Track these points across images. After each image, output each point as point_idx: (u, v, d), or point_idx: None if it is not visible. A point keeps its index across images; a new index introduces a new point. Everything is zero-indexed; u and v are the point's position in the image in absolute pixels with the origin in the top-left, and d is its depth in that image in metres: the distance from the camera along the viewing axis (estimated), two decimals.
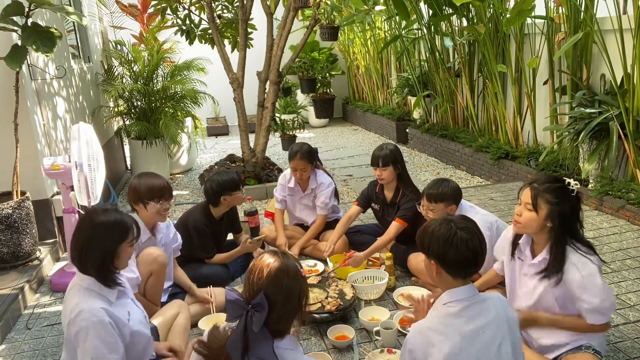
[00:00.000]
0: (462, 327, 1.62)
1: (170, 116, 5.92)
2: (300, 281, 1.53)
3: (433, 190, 2.76)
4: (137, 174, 2.75)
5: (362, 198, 3.50)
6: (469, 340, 1.61)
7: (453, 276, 1.68)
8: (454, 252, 1.64)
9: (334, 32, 5.88)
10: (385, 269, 3.09)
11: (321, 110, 9.50)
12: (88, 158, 3.17)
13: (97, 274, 1.87)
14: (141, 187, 2.63)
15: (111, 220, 1.89)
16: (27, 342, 2.83)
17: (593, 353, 2.04)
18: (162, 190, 2.65)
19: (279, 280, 1.48)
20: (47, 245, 3.86)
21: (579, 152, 4.38)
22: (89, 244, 1.85)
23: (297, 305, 1.52)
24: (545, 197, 2.00)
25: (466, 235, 1.65)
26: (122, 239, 1.89)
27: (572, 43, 4.19)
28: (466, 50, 6.04)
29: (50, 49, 3.35)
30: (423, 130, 6.96)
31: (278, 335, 1.51)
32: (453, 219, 1.71)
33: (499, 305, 1.70)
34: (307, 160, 3.50)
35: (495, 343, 1.63)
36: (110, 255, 1.87)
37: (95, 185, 3.19)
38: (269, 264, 1.51)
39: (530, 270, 2.14)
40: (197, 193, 5.68)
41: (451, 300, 1.67)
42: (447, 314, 1.65)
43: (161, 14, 5.68)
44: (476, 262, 1.68)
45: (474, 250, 1.65)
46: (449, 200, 2.74)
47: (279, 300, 1.48)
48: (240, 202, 3.28)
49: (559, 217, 1.99)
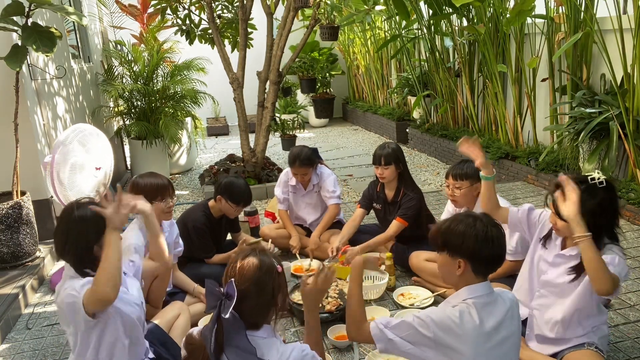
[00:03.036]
0: (482, 324, 1.61)
1: (170, 116, 5.92)
2: (275, 276, 1.60)
3: (459, 169, 2.77)
4: (139, 175, 2.75)
5: (363, 199, 3.49)
6: (487, 337, 1.60)
7: (478, 273, 1.67)
8: (489, 250, 1.64)
9: (334, 32, 5.88)
10: (385, 269, 3.09)
11: (321, 110, 9.50)
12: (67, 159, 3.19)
13: (74, 265, 1.88)
14: (144, 188, 2.62)
15: (88, 215, 1.87)
16: (27, 342, 2.83)
17: (595, 350, 2.04)
18: (165, 189, 2.64)
19: (251, 273, 1.57)
20: (47, 245, 3.86)
21: (579, 152, 4.38)
22: (67, 238, 1.87)
23: (271, 299, 1.59)
24: None
25: (497, 232, 1.65)
26: (100, 232, 1.86)
27: (572, 43, 4.19)
28: (466, 50, 6.04)
29: (50, 49, 3.35)
30: (423, 130, 6.96)
31: (254, 327, 1.58)
32: (479, 216, 1.69)
33: (511, 301, 1.70)
34: (307, 166, 3.50)
35: (509, 338, 1.64)
36: (88, 249, 1.87)
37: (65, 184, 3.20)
38: (244, 258, 1.61)
39: (556, 260, 2.10)
40: (197, 193, 5.68)
41: (471, 297, 1.65)
42: (468, 312, 1.63)
43: (161, 14, 5.68)
44: (503, 258, 1.70)
45: (504, 247, 1.68)
46: (474, 177, 2.71)
47: (252, 291, 1.55)
48: (231, 214, 3.21)
49: (591, 218, 1.90)
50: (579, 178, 1.99)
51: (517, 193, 4.80)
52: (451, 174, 2.79)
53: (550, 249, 2.16)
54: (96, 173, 3.43)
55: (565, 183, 1.92)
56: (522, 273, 2.32)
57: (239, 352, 1.51)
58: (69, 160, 3.24)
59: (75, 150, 3.28)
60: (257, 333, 1.58)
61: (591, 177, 1.96)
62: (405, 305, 2.87)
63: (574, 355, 2.05)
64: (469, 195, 2.76)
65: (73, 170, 3.27)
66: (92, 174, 3.41)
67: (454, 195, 2.80)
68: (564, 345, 2.09)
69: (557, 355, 2.11)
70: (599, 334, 2.10)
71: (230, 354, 1.52)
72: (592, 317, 2.08)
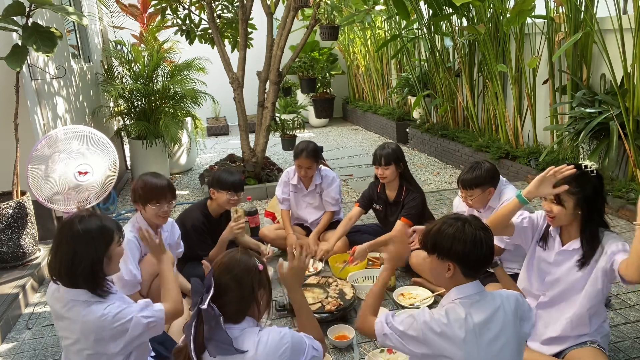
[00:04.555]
0: (468, 320, 1.62)
1: (170, 116, 5.91)
2: (255, 274, 1.64)
3: (467, 176, 2.72)
4: (141, 174, 2.73)
5: (363, 199, 3.50)
6: (475, 335, 1.61)
7: (467, 275, 1.68)
8: (478, 253, 1.65)
9: (334, 32, 5.88)
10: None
11: (321, 110, 9.49)
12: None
13: (87, 285, 1.79)
14: (140, 188, 2.60)
15: (92, 227, 1.81)
16: (27, 342, 2.83)
17: (598, 347, 2.04)
18: (160, 193, 2.59)
19: (230, 268, 1.62)
20: (47, 245, 3.86)
21: (579, 152, 4.38)
22: (74, 256, 1.76)
23: (251, 294, 1.63)
24: (569, 190, 2.00)
25: (485, 235, 1.67)
26: (108, 244, 1.83)
27: (572, 43, 4.19)
28: (466, 50, 6.04)
29: (51, 49, 3.35)
30: (423, 130, 6.96)
31: (232, 320, 1.61)
32: (468, 219, 1.71)
33: (506, 301, 1.70)
34: (312, 158, 3.51)
35: (500, 339, 1.63)
36: (99, 263, 1.80)
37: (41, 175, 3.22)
38: (225, 255, 1.68)
39: (559, 257, 2.11)
40: (197, 193, 5.68)
41: (460, 297, 1.67)
42: (454, 310, 1.65)
43: (161, 13, 5.68)
44: (492, 259, 1.72)
45: (492, 250, 1.69)
46: (484, 184, 2.69)
47: (230, 286, 1.60)
48: (227, 204, 3.19)
49: (586, 203, 2.00)
50: (574, 165, 2.04)
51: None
52: (461, 185, 2.76)
53: (550, 248, 2.16)
54: (81, 177, 3.34)
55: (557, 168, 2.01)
56: (521, 277, 2.32)
57: (218, 344, 1.54)
58: (57, 155, 3.23)
59: (67, 148, 3.26)
60: (236, 325, 1.61)
61: (584, 164, 2.02)
62: (405, 305, 2.87)
63: (577, 352, 2.05)
64: (484, 199, 2.75)
65: (53, 163, 3.23)
66: (73, 175, 3.32)
67: (468, 203, 2.80)
68: (567, 344, 2.09)
69: (559, 353, 2.11)
70: (601, 332, 2.10)
71: (211, 348, 1.55)
72: (598, 314, 2.09)
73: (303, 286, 2.91)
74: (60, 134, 3.32)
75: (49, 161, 3.26)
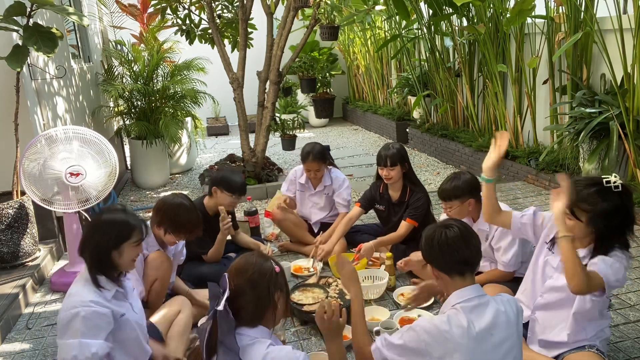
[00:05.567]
0: (470, 327, 1.60)
1: (170, 116, 5.92)
2: (270, 277, 1.64)
3: (445, 187, 2.68)
4: (172, 195, 2.73)
5: (364, 200, 3.49)
6: (478, 341, 1.59)
7: (461, 278, 1.68)
8: (454, 254, 1.66)
9: (334, 32, 5.88)
10: (385, 269, 3.09)
11: (321, 110, 9.49)
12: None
13: (93, 263, 1.91)
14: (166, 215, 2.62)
15: (115, 218, 1.95)
16: (27, 342, 2.83)
17: (596, 352, 2.04)
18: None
19: (244, 271, 1.63)
20: (47, 245, 3.86)
21: (579, 152, 4.38)
22: (89, 237, 1.93)
23: (267, 298, 1.62)
24: (581, 205, 1.91)
25: (454, 233, 1.67)
26: (123, 238, 1.92)
27: (572, 43, 4.19)
28: (466, 50, 6.04)
29: (51, 49, 3.35)
30: (423, 130, 6.96)
31: (248, 323, 1.61)
32: (442, 223, 1.73)
33: (507, 305, 1.69)
34: (320, 160, 3.51)
35: (505, 344, 1.63)
36: (107, 253, 1.90)
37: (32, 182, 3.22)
38: (242, 257, 1.70)
39: (562, 264, 2.06)
40: (197, 193, 5.68)
41: (459, 301, 1.66)
42: (456, 316, 1.63)
43: (161, 13, 5.68)
44: (478, 254, 1.71)
45: (471, 244, 1.68)
46: (463, 195, 2.64)
47: (245, 289, 1.60)
48: (228, 205, 3.19)
49: (601, 220, 1.88)
50: (594, 179, 1.94)
51: (517, 193, 4.80)
52: (439, 196, 2.74)
53: (557, 253, 2.12)
54: (71, 179, 3.24)
55: (560, 179, 1.93)
56: (526, 276, 2.31)
57: (226, 349, 1.54)
58: (54, 153, 3.22)
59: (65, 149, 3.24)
60: (249, 332, 1.60)
61: (607, 179, 1.91)
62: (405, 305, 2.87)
63: (574, 356, 2.04)
64: (463, 211, 2.70)
65: (47, 161, 3.21)
66: (62, 175, 3.24)
67: (448, 214, 2.77)
68: (565, 348, 2.09)
69: (557, 357, 2.11)
70: (600, 337, 2.09)
71: (220, 353, 1.55)
72: (595, 322, 2.06)
73: (302, 286, 2.91)
74: (60, 134, 3.30)
75: (41, 161, 3.25)
